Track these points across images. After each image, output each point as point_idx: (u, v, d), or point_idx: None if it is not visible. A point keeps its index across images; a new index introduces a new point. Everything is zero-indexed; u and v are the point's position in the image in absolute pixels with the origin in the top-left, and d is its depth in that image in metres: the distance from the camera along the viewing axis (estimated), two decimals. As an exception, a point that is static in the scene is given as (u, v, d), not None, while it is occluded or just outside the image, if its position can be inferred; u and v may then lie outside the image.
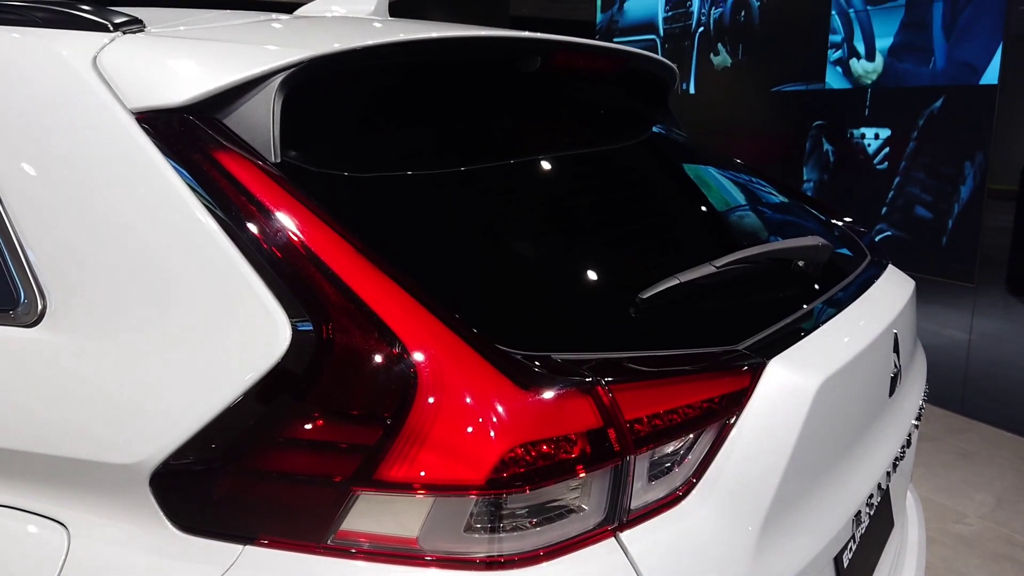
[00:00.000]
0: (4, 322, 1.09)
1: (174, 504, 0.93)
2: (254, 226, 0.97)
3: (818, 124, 5.30)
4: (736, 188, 1.79)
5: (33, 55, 1.19)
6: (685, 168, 1.80)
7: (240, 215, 0.98)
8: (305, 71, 1.09)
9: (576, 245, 1.23)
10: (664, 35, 7.18)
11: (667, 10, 7.16)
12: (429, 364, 0.87)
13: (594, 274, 1.18)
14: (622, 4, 7.79)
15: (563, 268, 1.16)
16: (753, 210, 1.77)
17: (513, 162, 1.32)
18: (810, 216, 1.78)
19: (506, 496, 0.86)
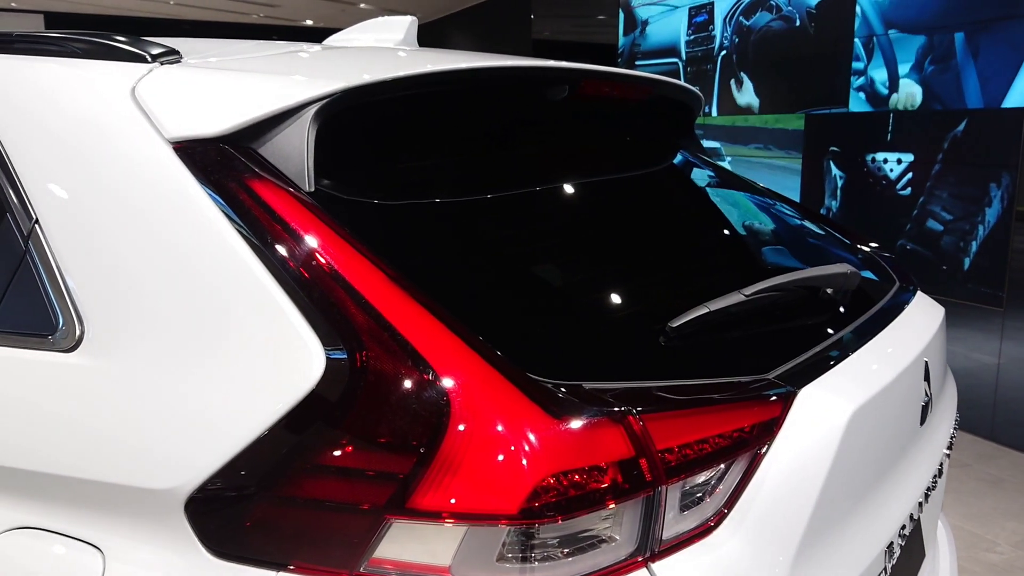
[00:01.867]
0: (42, 347, 1.11)
1: (208, 529, 0.94)
2: (288, 254, 0.99)
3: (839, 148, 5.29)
4: (761, 213, 1.79)
5: (73, 85, 1.22)
6: (711, 194, 1.80)
7: (275, 243, 1.00)
8: (338, 101, 1.11)
9: (604, 273, 1.24)
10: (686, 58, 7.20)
11: (689, 34, 7.19)
12: (462, 392, 0.87)
13: (623, 302, 1.19)
14: (644, 28, 7.83)
15: (592, 296, 1.17)
16: (779, 236, 1.77)
17: (541, 189, 1.33)
18: (836, 242, 1.77)
19: (538, 526, 0.86)
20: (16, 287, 1.17)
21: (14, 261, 1.18)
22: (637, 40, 7.88)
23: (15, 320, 1.16)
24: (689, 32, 7.16)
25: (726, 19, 6.70)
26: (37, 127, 1.22)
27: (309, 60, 1.39)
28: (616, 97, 1.62)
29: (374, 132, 1.24)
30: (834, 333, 1.28)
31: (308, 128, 1.08)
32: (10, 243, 1.19)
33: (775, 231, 1.78)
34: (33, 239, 1.15)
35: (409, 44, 1.83)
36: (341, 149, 1.14)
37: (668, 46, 7.45)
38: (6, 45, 1.37)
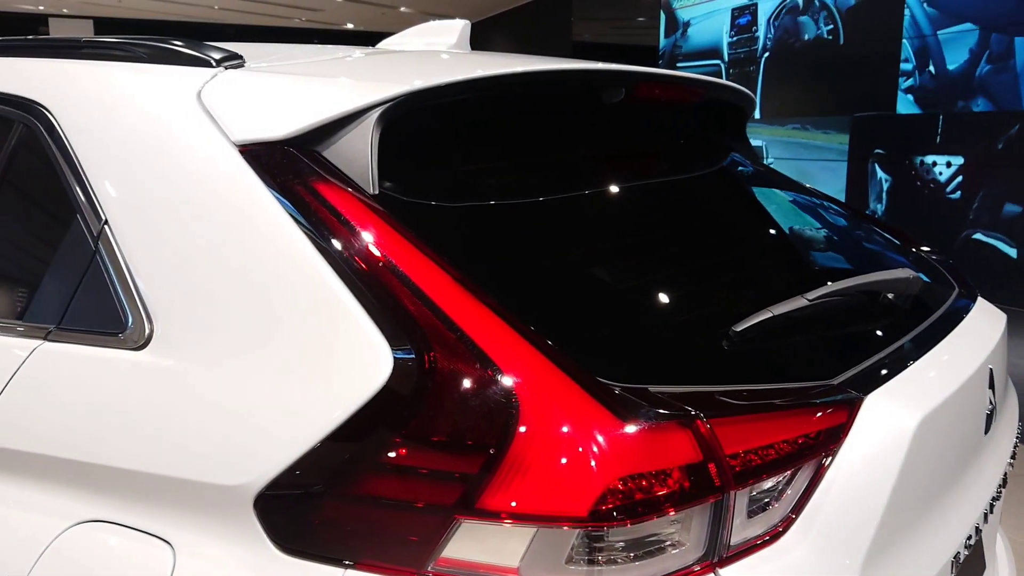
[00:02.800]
0: (113, 345, 1.13)
1: (277, 526, 0.96)
2: (354, 256, 1.00)
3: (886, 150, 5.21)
4: (815, 217, 1.78)
5: (141, 89, 1.25)
6: (764, 197, 1.79)
7: (341, 245, 1.01)
8: (401, 105, 1.12)
9: (665, 275, 1.23)
10: (729, 60, 7.14)
11: (732, 35, 7.13)
12: (531, 394, 0.88)
13: (684, 305, 1.18)
14: (686, 29, 7.78)
15: (653, 299, 1.17)
16: (834, 239, 1.75)
17: (599, 192, 1.33)
18: (891, 246, 1.75)
19: (607, 529, 0.86)
20: (87, 286, 1.20)
21: (84, 261, 1.21)
22: (678, 42, 7.84)
23: (86, 318, 1.19)
24: (732, 34, 7.10)
25: (770, 20, 6.63)
26: (106, 130, 1.24)
27: (370, 64, 1.40)
28: (669, 99, 1.61)
29: (435, 135, 1.25)
30: (897, 339, 1.26)
31: (372, 131, 1.09)
32: (80, 243, 1.22)
33: (829, 234, 1.77)
34: (103, 239, 1.18)
35: (461, 47, 1.84)
36: (403, 152, 1.15)
37: (710, 48, 7.39)
38: (75, 50, 1.41)
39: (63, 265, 1.27)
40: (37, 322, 1.24)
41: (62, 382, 1.17)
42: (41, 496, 1.15)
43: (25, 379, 1.20)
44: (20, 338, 1.24)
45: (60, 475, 1.13)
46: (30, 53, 1.48)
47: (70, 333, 1.19)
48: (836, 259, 1.68)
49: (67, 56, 1.40)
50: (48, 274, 1.31)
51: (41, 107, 1.33)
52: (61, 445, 1.13)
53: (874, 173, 5.32)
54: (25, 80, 1.40)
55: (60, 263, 1.28)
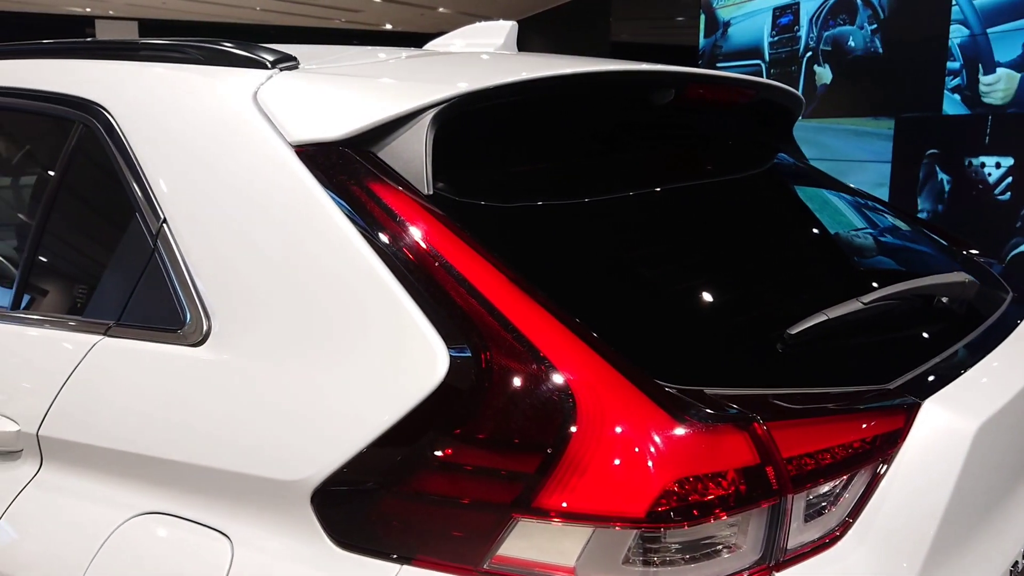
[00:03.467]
0: (171, 341, 1.15)
1: (334, 521, 0.97)
2: (410, 255, 1.01)
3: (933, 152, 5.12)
4: (863, 218, 1.76)
5: (197, 91, 1.27)
6: (813, 198, 1.77)
7: (396, 244, 1.02)
8: (455, 106, 1.13)
9: (718, 277, 1.23)
10: (769, 60, 7.07)
11: (773, 35, 7.05)
12: (588, 395, 0.88)
13: (738, 307, 1.18)
14: (726, 29, 7.72)
15: (707, 300, 1.16)
16: (884, 241, 1.73)
17: (650, 193, 1.33)
18: (943, 249, 1.72)
19: (665, 531, 0.86)
20: (145, 283, 1.23)
21: (143, 258, 1.23)
22: (718, 42, 7.77)
23: (145, 314, 1.21)
24: (773, 33, 7.02)
25: (812, 19, 6.55)
26: (164, 130, 1.27)
27: (422, 65, 1.42)
28: (719, 100, 1.60)
29: (487, 136, 1.25)
30: (952, 344, 1.25)
31: (427, 132, 1.10)
32: (139, 241, 1.24)
33: (878, 236, 1.74)
34: (161, 238, 1.20)
35: (509, 49, 1.85)
36: (456, 153, 1.16)
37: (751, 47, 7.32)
38: (133, 52, 1.44)
39: (122, 262, 1.30)
40: (97, 318, 1.27)
41: (121, 377, 1.20)
42: (102, 488, 1.18)
43: (86, 373, 1.23)
44: (81, 333, 1.27)
45: (120, 467, 1.16)
46: (89, 55, 1.51)
47: (129, 329, 1.22)
48: (886, 262, 1.66)
49: (125, 58, 1.43)
50: (108, 271, 1.34)
51: (100, 107, 1.36)
52: (120, 438, 1.16)
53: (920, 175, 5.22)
54: (85, 81, 1.44)
55: (119, 260, 1.31)
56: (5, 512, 1.26)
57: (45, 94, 1.51)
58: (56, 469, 1.25)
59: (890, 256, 1.67)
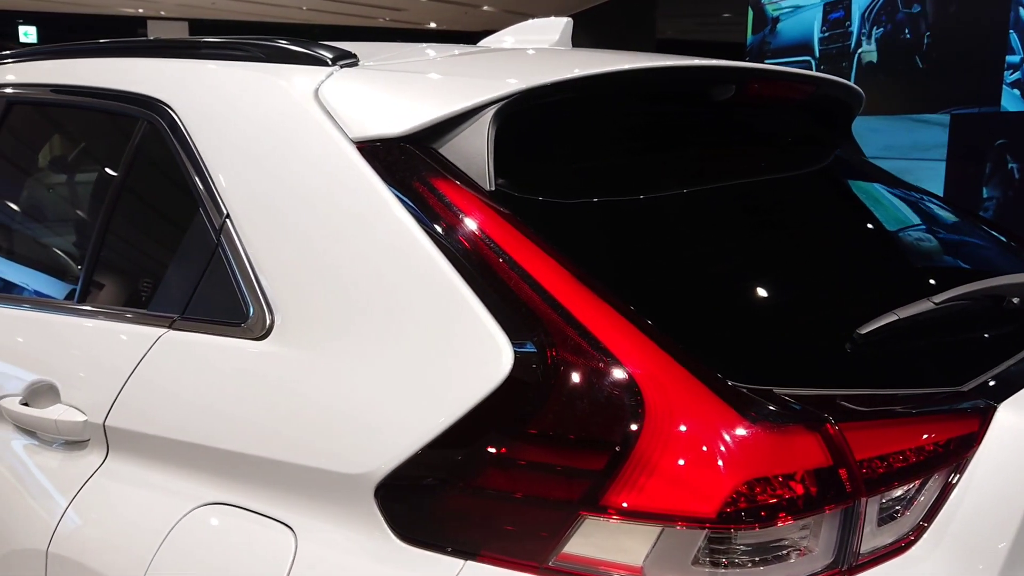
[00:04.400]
0: (234, 334, 1.17)
1: (398, 515, 0.97)
2: (473, 251, 1.01)
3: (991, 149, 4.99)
4: (926, 216, 1.72)
5: (259, 89, 1.28)
6: (875, 196, 1.74)
7: (459, 240, 1.02)
8: (517, 102, 1.13)
9: (784, 275, 1.21)
10: (820, 56, 6.95)
11: (824, 30, 6.94)
12: (656, 392, 0.87)
13: (806, 305, 1.16)
14: (775, 25, 7.61)
15: (774, 299, 1.15)
16: (948, 240, 1.68)
17: (713, 189, 1.31)
18: (1008, 248, 1.68)
19: (736, 532, 0.85)
20: (209, 277, 1.24)
21: (207, 253, 1.25)
22: (767, 38, 7.66)
23: (209, 308, 1.23)
24: (823, 29, 6.91)
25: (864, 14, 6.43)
26: (228, 127, 1.28)
27: (481, 61, 1.41)
28: (780, 96, 1.58)
29: (548, 132, 1.25)
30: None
31: (488, 128, 1.10)
32: (203, 236, 1.26)
33: (942, 234, 1.70)
34: (224, 233, 1.22)
35: (564, 45, 1.84)
36: (517, 149, 1.16)
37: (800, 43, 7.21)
38: (195, 51, 1.46)
39: (186, 257, 1.32)
40: (162, 311, 1.29)
41: (186, 369, 1.22)
42: (167, 478, 1.20)
43: (151, 365, 1.25)
44: (146, 326, 1.29)
45: (185, 458, 1.18)
46: (153, 53, 1.54)
47: (193, 322, 1.24)
48: (952, 261, 1.62)
49: (188, 56, 1.45)
50: (172, 266, 1.36)
51: (164, 105, 1.39)
52: (185, 429, 1.18)
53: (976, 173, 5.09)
54: (149, 79, 1.46)
55: (183, 255, 1.33)
56: (73, 500, 1.29)
57: (110, 92, 1.54)
58: (122, 459, 1.27)
59: (955, 255, 1.63)
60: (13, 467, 1.45)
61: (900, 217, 1.65)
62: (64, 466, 1.35)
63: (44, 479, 1.38)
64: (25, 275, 1.86)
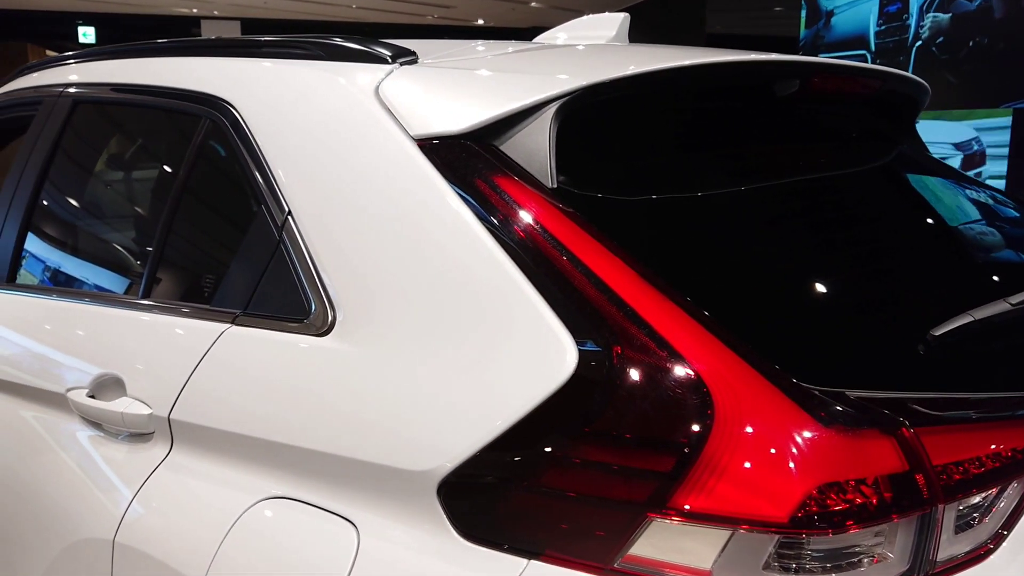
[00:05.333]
0: (296, 330, 1.18)
1: (460, 513, 0.97)
2: (535, 248, 1.00)
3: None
4: (995, 215, 1.66)
5: (320, 87, 1.29)
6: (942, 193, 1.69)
7: (521, 238, 1.01)
8: (579, 99, 1.12)
9: (855, 274, 1.18)
10: (876, 50, 6.80)
11: (880, 24, 6.78)
12: (725, 393, 0.86)
13: (876, 306, 1.13)
14: (829, 19, 7.46)
15: (845, 298, 1.12)
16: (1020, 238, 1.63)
17: (775, 185, 1.28)
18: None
19: (809, 537, 0.83)
20: (271, 274, 1.26)
21: (269, 250, 1.26)
22: (820, 32, 7.52)
23: (271, 304, 1.24)
24: (880, 22, 6.75)
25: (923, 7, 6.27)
26: (289, 125, 1.30)
27: (541, 58, 1.41)
28: (844, 91, 1.54)
29: (609, 129, 1.24)
30: None
31: (550, 125, 1.09)
32: (265, 233, 1.27)
33: (1013, 233, 1.65)
34: (286, 230, 1.23)
35: (620, 41, 1.82)
36: (579, 146, 1.15)
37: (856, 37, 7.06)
38: (256, 49, 1.48)
39: (248, 253, 1.34)
40: (225, 307, 1.31)
41: (248, 364, 1.23)
42: (230, 471, 1.21)
43: (214, 360, 1.27)
44: (209, 322, 1.31)
45: (247, 452, 1.19)
46: (214, 52, 1.56)
47: (255, 318, 1.25)
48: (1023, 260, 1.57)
49: (249, 55, 1.47)
50: (234, 262, 1.38)
51: (226, 103, 1.40)
52: (248, 423, 1.19)
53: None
54: (211, 78, 1.48)
55: (245, 252, 1.35)
56: (138, 492, 1.32)
57: (173, 91, 1.56)
58: (186, 452, 1.29)
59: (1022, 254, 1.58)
60: (79, 458, 1.49)
61: (969, 214, 1.60)
62: (129, 458, 1.38)
63: (110, 470, 1.41)
64: (91, 271, 1.90)
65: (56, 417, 1.55)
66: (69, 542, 1.44)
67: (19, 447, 1.64)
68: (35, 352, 1.68)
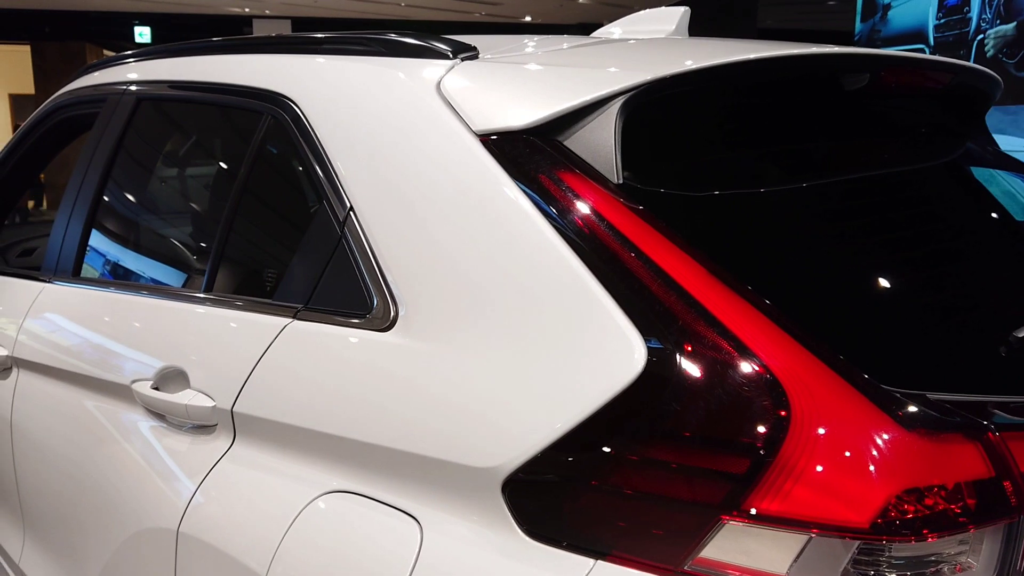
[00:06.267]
0: (358, 325, 1.18)
1: (526, 511, 0.96)
2: (602, 245, 0.99)
3: None
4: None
5: (381, 82, 1.29)
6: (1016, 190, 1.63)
7: (587, 234, 1.00)
8: (644, 93, 1.10)
9: (929, 274, 1.14)
10: (935, 44, 6.63)
11: (939, 17, 6.61)
12: (802, 394, 0.83)
13: (956, 306, 1.09)
14: (886, 12, 7.29)
15: (920, 298, 1.08)
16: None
17: (851, 182, 1.25)
18: None
19: (889, 544, 0.80)
20: (333, 269, 1.26)
21: (331, 245, 1.27)
22: (877, 26, 7.36)
23: (333, 299, 1.25)
24: (939, 15, 6.58)
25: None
26: (351, 121, 1.30)
27: (603, 52, 1.39)
28: (915, 85, 1.50)
29: (675, 123, 1.22)
30: None
31: (615, 120, 1.07)
32: (327, 228, 1.28)
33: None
34: (348, 225, 1.23)
35: (680, 35, 1.79)
36: (644, 141, 1.13)
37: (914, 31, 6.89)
38: (317, 46, 1.48)
39: (310, 249, 1.34)
40: (287, 301, 1.32)
41: (311, 358, 1.24)
42: (292, 464, 1.22)
43: (277, 354, 1.27)
44: (271, 316, 1.32)
45: (310, 445, 1.20)
46: (275, 49, 1.57)
47: (317, 313, 1.26)
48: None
49: (310, 52, 1.48)
50: (296, 257, 1.39)
51: (287, 100, 1.41)
52: (310, 417, 1.20)
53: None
54: (272, 75, 1.49)
55: (307, 247, 1.36)
56: (201, 483, 1.34)
57: (235, 88, 1.58)
58: (248, 444, 1.30)
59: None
60: (142, 448, 1.51)
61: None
62: (192, 449, 1.39)
63: (173, 461, 1.43)
64: (154, 265, 1.94)
65: (119, 408, 1.58)
66: (133, 530, 1.47)
67: (83, 437, 1.68)
68: (100, 344, 1.71)
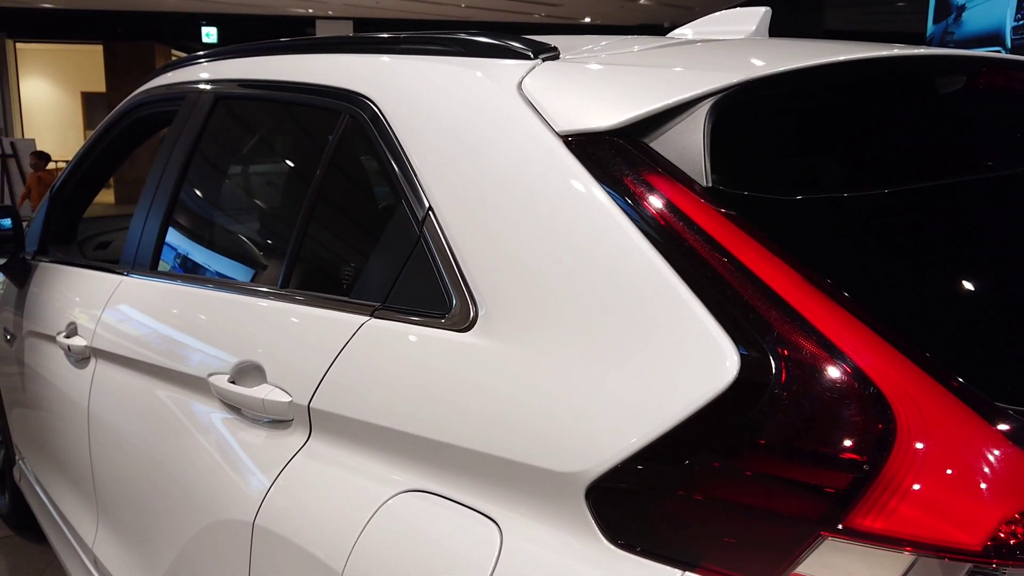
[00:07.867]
0: (436, 325, 1.18)
1: (610, 518, 0.94)
2: (690, 249, 0.97)
3: None
4: None
5: (461, 82, 1.29)
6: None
7: (675, 237, 0.98)
8: (734, 95, 1.08)
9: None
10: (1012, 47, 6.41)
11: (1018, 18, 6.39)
12: (908, 407, 0.80)
13: None
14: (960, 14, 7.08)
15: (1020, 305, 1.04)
16: None
17: (946, 186, 1.20)
18: None
19: (1002, 569, 0.77)
20: (411, 268, 1.26)
21: (409, 244, 1.27)
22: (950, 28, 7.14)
23: (411, 298, 1.25)
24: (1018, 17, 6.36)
25: (1067, 1, 5.87)
26: (430, 121, 1.30)
27: (688, 53, 1.37)
28: (1010, 87, 1.44)
29: (763, 125, 1.19)
30: None
31: (704, 122, 1.05)
32: (406, 228, 1.28)
33: None
34: (427, 225, 1.23)
35: (761, 36, 1.76)
36: (733, 144, 1.10)
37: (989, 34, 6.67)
38: (395, 46, 1.49)
39: (388, 248, 1.35)
40: (365, 299, 1.33)
41: (388, 356, 1.24)
42: (369, 462, 1.22)
43: (354, 352, 1.28)
44: (349, 314, 1.32)
45: (387, 444, 1.20)
46: (352, 49, 1.58)
47: (394, 311, 1.26)
48: None
49: (388, 51, 1.49)
50: (374, 255, 1.39)
51: (366, 99, 1.42)
52: (387, 416, 1.19)
53: None
54: (350, 74, 1.51)
55: (385, 246, 1.36)
56: (277, 477, 1.35)
57: (313, 87, 1.59)
58: (324, 440, 1.31)
59: None
60: (218, 441, 1.54)
61: None
62: (268, 443, 1.41)
63: (248, 455, 1.45)
64: (230, 261, 1.97)
65: (194, 401, 1.61)
66: (208, 521, 1.49)
67: (158, 427, 1.71)
68: (176, 337, 1.74)
